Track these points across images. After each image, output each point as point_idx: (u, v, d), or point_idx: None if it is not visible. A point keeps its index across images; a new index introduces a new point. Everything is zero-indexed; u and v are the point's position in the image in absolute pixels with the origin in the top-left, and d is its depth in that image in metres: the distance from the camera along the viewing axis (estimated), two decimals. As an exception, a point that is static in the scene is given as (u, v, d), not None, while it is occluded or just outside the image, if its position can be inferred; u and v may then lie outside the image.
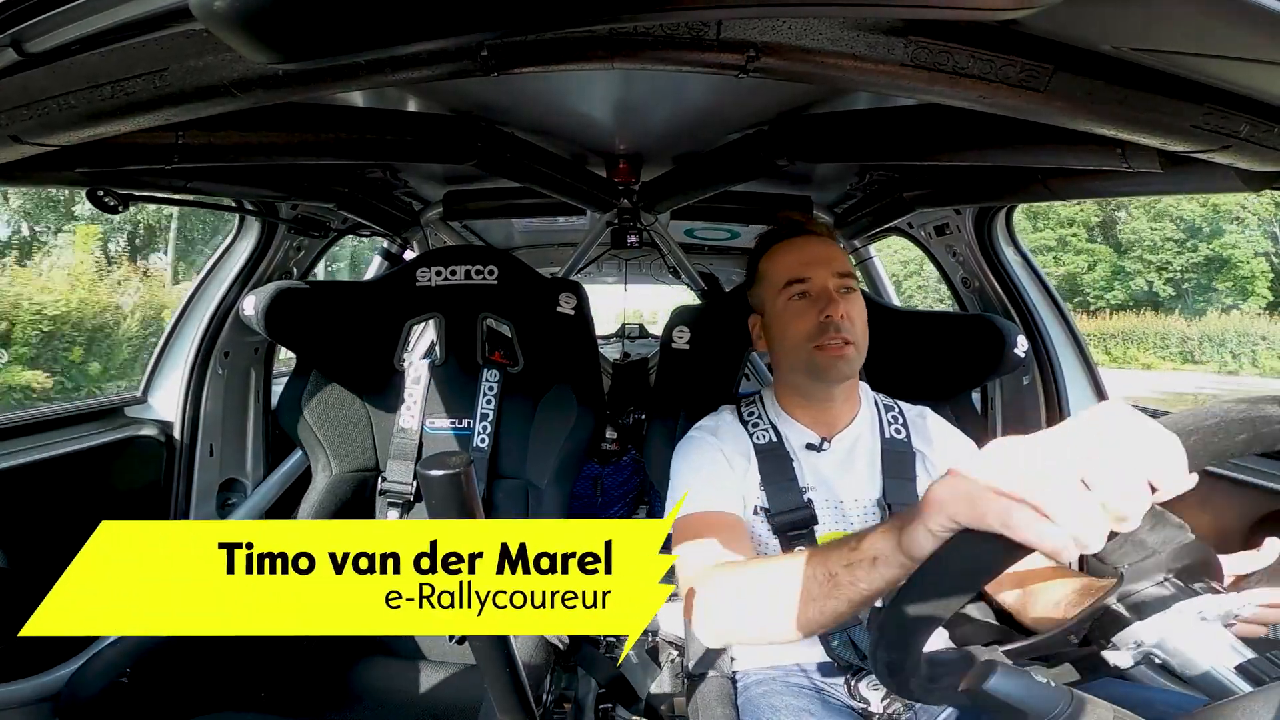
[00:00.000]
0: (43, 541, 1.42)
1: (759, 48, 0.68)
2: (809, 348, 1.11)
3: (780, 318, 1.15)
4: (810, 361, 1.12)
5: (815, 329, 1.10)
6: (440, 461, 0.51)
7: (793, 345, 1.13)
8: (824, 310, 1.09)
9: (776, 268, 1.17)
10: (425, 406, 1.58)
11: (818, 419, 1.20)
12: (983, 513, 0.49)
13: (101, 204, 1.25)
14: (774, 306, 1.17)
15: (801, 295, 1.13)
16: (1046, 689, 0.52)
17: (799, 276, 1.13)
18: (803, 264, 1.14)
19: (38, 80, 0.71)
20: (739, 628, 0.86)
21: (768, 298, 1.19)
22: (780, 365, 1.21)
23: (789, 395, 1.23)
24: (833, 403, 1.20)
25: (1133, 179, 1.15)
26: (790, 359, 1.16)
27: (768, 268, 1.20)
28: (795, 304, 1.13)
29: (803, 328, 1.11)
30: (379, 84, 0.76)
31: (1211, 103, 0.70)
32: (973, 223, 1.83)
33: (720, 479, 1.12)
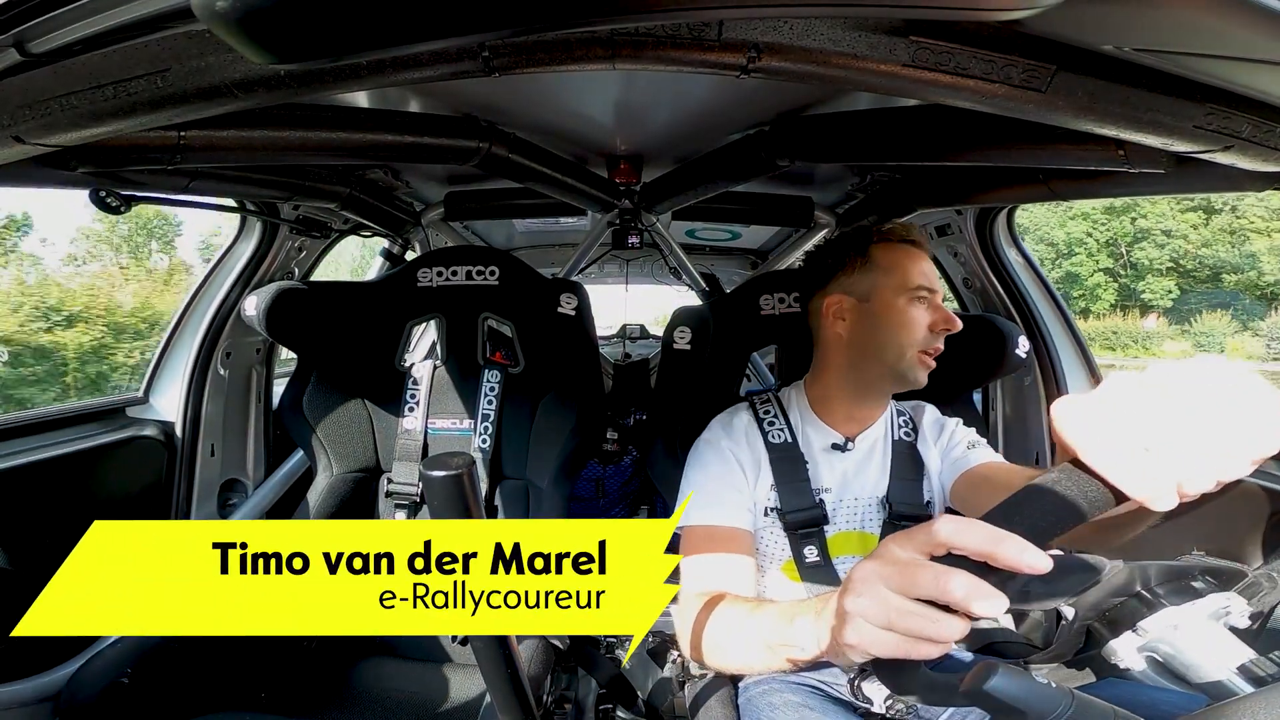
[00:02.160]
0: (44, 541, 1.42)
1: (760, 48, 0.68)
2: (915, 352, 1.13)
3: (900, 314, 1.14)
4: (910, 364, 1.13)
5: (928, 337, 1.13)
6: (442, 462, 0.51)
7: (902, 343, 1.13)
8: (944, 324, 1.13)
9: (909, 266, 1.16)
10: (428, 407, 1.58)
11: (850, 418, 1.21)
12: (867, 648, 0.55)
13: (104, 204, 1.25)
14: (890, 300, 1.15)
15: (924, 301, 1.15)
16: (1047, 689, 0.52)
17: (930, 286, 1.16)
18: (931, 276, 1.17)
19: (40, 81, 0.71)
20: (710, 659, 0.95)
21: (884, 288, 1.16)
22: (861, 353, 1.17)
23: (836, 389, 1.21)
24: (880, 404, 1.22)
25: (1135, 179, 1.15)
26: (887, 354, 1.14)
27: (894, 261, 1.17)
28: (920, 308, 1.14)
29: (919, 333, 1.13)
30: (380, 84, 0.76)
31: (1213, 103, 0.70)
32: (974, 223, 1.82)
33: (730, 489, 1.13)
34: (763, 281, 1.50)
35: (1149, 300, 26.16)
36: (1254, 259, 24.70)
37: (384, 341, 1.61)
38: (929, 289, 1.15)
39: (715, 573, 1.06)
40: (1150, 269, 26.15)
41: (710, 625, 0.93)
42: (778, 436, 1.19)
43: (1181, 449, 0.45)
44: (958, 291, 2.04)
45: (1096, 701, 0.52)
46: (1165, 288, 25.91)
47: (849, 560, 1.17)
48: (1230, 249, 25.04)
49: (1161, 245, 26.00)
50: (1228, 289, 25.31)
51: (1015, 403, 1.93)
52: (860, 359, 1.17)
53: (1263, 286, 24.59)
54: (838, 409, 1.21)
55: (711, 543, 1.08)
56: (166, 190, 1.33)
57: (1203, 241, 25.40)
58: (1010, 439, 1.95)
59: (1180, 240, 25.67)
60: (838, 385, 1.21)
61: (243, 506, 1.87)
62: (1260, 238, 24.55)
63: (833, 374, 1.22)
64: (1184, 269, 26.09)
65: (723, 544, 1.08)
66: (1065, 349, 1.82)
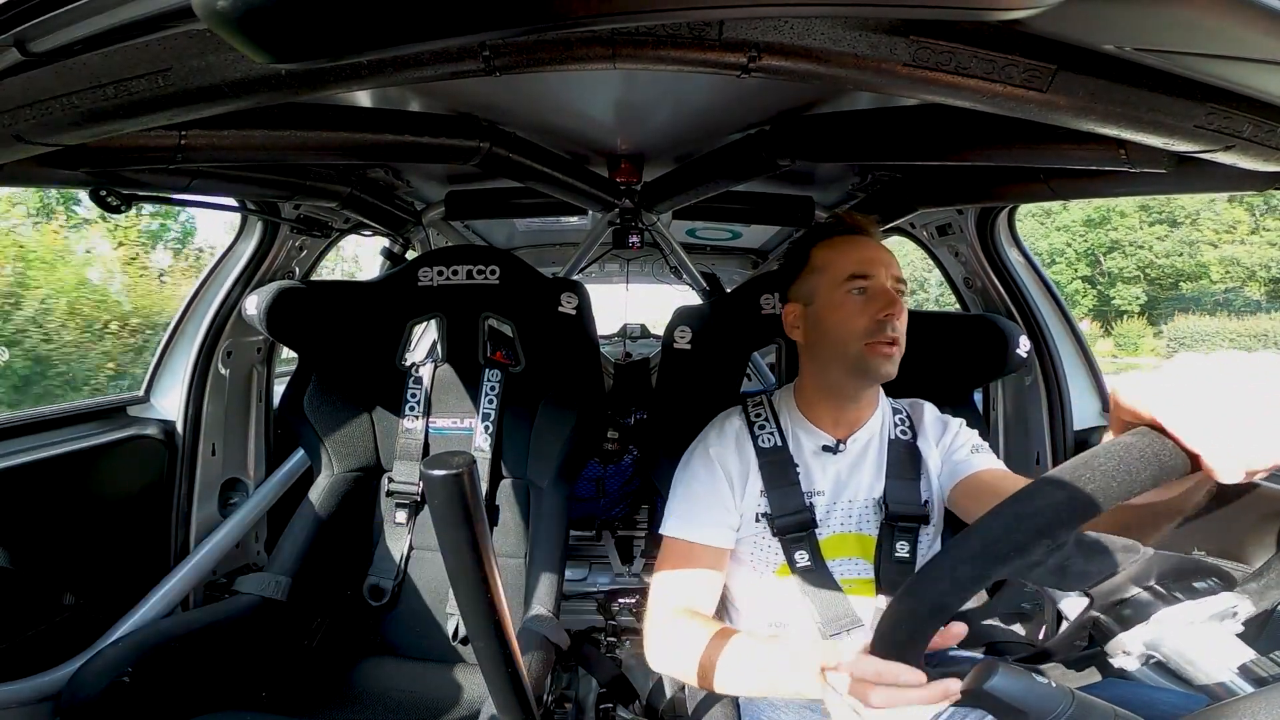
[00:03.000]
0: (45, 541, 1.42)
1: (760, 48, 0.68)
2: (861, 344, 1.09)
3: (837, 310, 1.12)
4: (859, 358, 1.10)
5: (871, 326, 1.09)
6: (442, 461, 0.51)
7: (845, 339, 1.11)
8: (883, 309, 1.08)
9: (839, 260, 1.14)
10: (429, 407, 1.58)
11: (839, 419, 1.20)
12: None
13: (105, 204, 1.25)
14: (829, 298, 1.14)
15: (861, 291, 1.11)
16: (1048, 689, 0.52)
17: (863, 273, 1.12)
18: (866, 261, 1.13)
19: (41, 80, 0.71)
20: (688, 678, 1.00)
21: (821, 288, 1.15)
22: (818, 359, 1.18)
23: (814, 394, 1.21)
24: (859, 403, 1.19)
25: (1136, 179, 1.14)
26: (836, 353, 1.13)
27: (826, 258, 1.16)
28: (855, 299, 1.11)
29: (859, 324, 1.09)
30: (381, 84, 0.76)
31: (1214, 103, 0.70)
32: (975, 223, 1.82)
33: (714, 506, 1.14)
34: (763, 281, 1.50)
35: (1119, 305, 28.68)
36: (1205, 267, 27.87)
37: (385, 341, 1.61)
38: (863, 275, 1.12)
39: (686, 591, 1.10)
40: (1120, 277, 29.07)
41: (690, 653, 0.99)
42: (767, 441, 1.18)
43: (1256, 426, 0.47)
44: (959, 291, 2.04)
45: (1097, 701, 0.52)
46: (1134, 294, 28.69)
47: (846, 562, 1.16)
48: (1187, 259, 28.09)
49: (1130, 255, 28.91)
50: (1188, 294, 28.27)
51: (1016, 403, 1.93)
52: (819, 363, 1.18)
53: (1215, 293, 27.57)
54: (823, 412, 1.20)
55: (688, 560, 1.12)
56: (167, 190, 1.33)
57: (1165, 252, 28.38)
58: (1011, 439, 1.95)
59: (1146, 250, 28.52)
60: (814, 390, 1.21)
61: (243, 506, 1.88)
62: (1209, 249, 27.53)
63: (807, 379, 1.22)
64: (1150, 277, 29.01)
65: (698, 562, 1.12)
66: (1066, 349, 1.82)
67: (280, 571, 1.41)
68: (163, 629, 1.28)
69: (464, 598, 0.57)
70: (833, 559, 1.15)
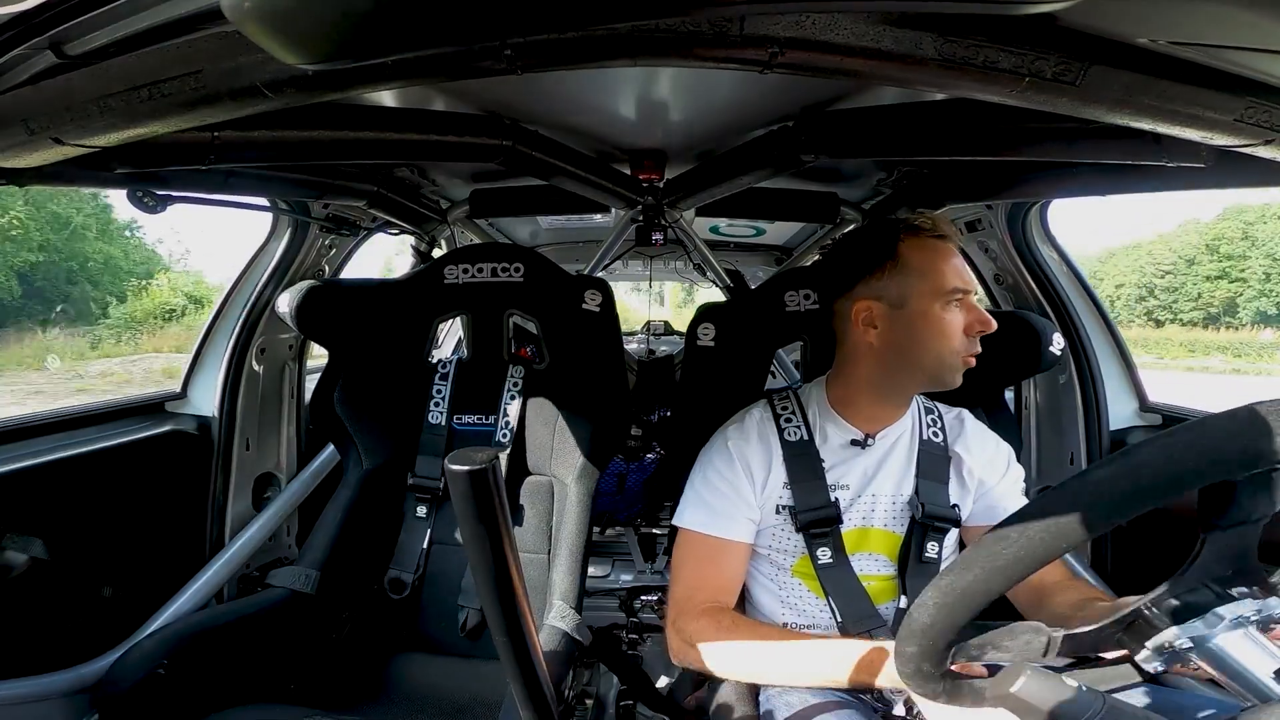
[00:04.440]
0: (85, 534, 1.47)
1: (782, 43, 0.68)
2: (958, 357, 1.08)
3: (938, 320, 1.08)
4: (951, 369, 1.09)
5: (967, 341, 1.09)
6: (466, 457, 0.52)
7: (941, 351, 1.08)
8: (980, 326, 1.08)
9: (942, 269, 1.09)
10: (453, 402, 1.60)
11: (874, 416, 1.18)
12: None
13: (141, 204, 1.28)
14: (927, 307, 1.09)
15: (959, 303, 1.09)
16: (1078, 693, 0.51)
17: (966, 287, 1.09)
18: (961, 275, 1.10)
19: (77, 83, 0.74)
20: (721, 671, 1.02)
21: (919, 293, 1.09)
22: (896, 361, 1.12)
23: (859, 390, 1.18)
24: (902, 404, 1.18)
25: (1173, 174, 1.11)
26: (925, 361, 1.10)
27: (925, 263, 1.10)
28: (956, 312, 1.09)
29: (958, 339, 1.08)
30: (406, 84, 0.77)
31: (1254, 96, 0.68)
32: (1006, 218, 1.79)
33: (734, 499, 1.14)
34: (787, 278, 1.49)
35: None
36: None
37: (412, 338, 1.63)
38: (964, 290, 1.09)
39: (709, 586, 1.10)
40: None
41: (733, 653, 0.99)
42: (793, 434, 1.18)
43: None
44: (989, 288, 2.00)
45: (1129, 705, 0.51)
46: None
47: (866, 557, 1.15)
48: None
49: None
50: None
51: (1050, 401, 1.89)
52: (895, 366, 1.13)
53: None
54: (861, 408, 1.18)
55: (709, 555, 1.13)
56: (202, 190, 1.36)
57: None
58: (1044, 438, 1.91)
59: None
60: (864, 388, 1.17)
61: (276, 500, 1.92)
62: None
63: (860, 377, 1.17)
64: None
65: (719, 557, 1.12)
66: (1101, 346, 1.77)
67: (310, 565, 1.44)
68: (197, 621, 1.31)
69: (486, 593, 0.57)
70: (855, 553, 1.14)
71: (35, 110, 0.78)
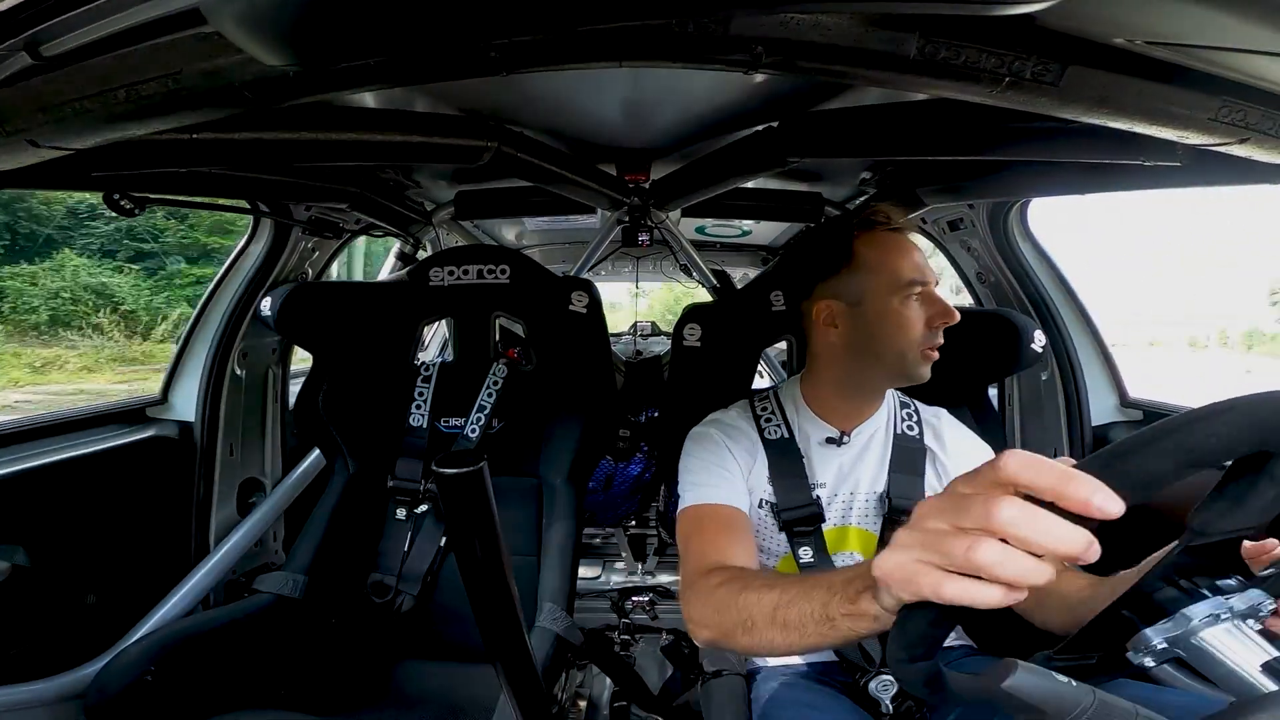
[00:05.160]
0: (67, 541, 1.44)
1: (767, 44, 0.68)
2: (919, 350, 1.08)
3: (896, 315, 1.08)
4: (914, 362, 1.09)
5: (928, 333, 1.08)
6: (455, 460, 0.51)
7: (902, 346, 1.08)
8: (942, 317, 1.08)
9: (897, 263, 1.10)
10: (436, 405, 1.59)
11: (848, 414, 1.18)
12: (917, 586, 0.49)
13: (118, 207, 1.26)
14: (884, 303, 1.09)
15: (917, 297, 1.09)
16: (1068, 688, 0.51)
17: (923, 279, 1.09)
18: (921, 266, 1.10)
19: (53, 84, 0.72)
20: (731, 639, 0.86)
21: (875, 290, 1.09)
22: (859, 359, 1.13)
23: (832, 388, 1.19)
24: (874, 400, 1.18)
25: (1150, 173, 1.13)
26: (888, 357, 1.10)
27: (879, 259, 1.10)
28: (914, 306, 1.09)
29: (919, 331, 1.08)
30: (389, 85, 0.76)
31: (1228, 95, 0.69)
32: (987, 217, 1.80)
33: (724, 473, 1.11)
34: (773, 277, 1.49)
35: None
36: None
37: (397, 341, 1.62)
38: (921, 281, 1.09)
39: (719, 548, 1.00)
40: None
41: (746, 604, 0.84)
42: (774, 433, 1.18)
43: None
44: (971, 286, 2.02)
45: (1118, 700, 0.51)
46: None
47: (846, 557, 1.15)
48: None
49: None
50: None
51: (1032, 398, 1.91)
52: (859, 363, 1.14)
53: None
54: (835, 405, 1.19)
55: (712, 520, 1.06)
56: (179, 192, 1.34)
57: None
58: (1026, 435, 1.93)
59: None
60: (834, 386, 1.18)
61: (261, 506, 1.89)
62: None
63: (828, 376, 1.19)
64: None
65: (722, 521, 1.05)
66: (1083, 343, 1.80)
67: (296, 570, 1.43)
68: (183, 628, 1.30)
69: (477, 596, 0.57)
70: (834, 553, 1.14)
71: (9, 112, 0.77)
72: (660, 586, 2.25)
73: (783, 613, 0.77)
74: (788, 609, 0.76)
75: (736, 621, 0.83)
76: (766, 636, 0.79)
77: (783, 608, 0.77)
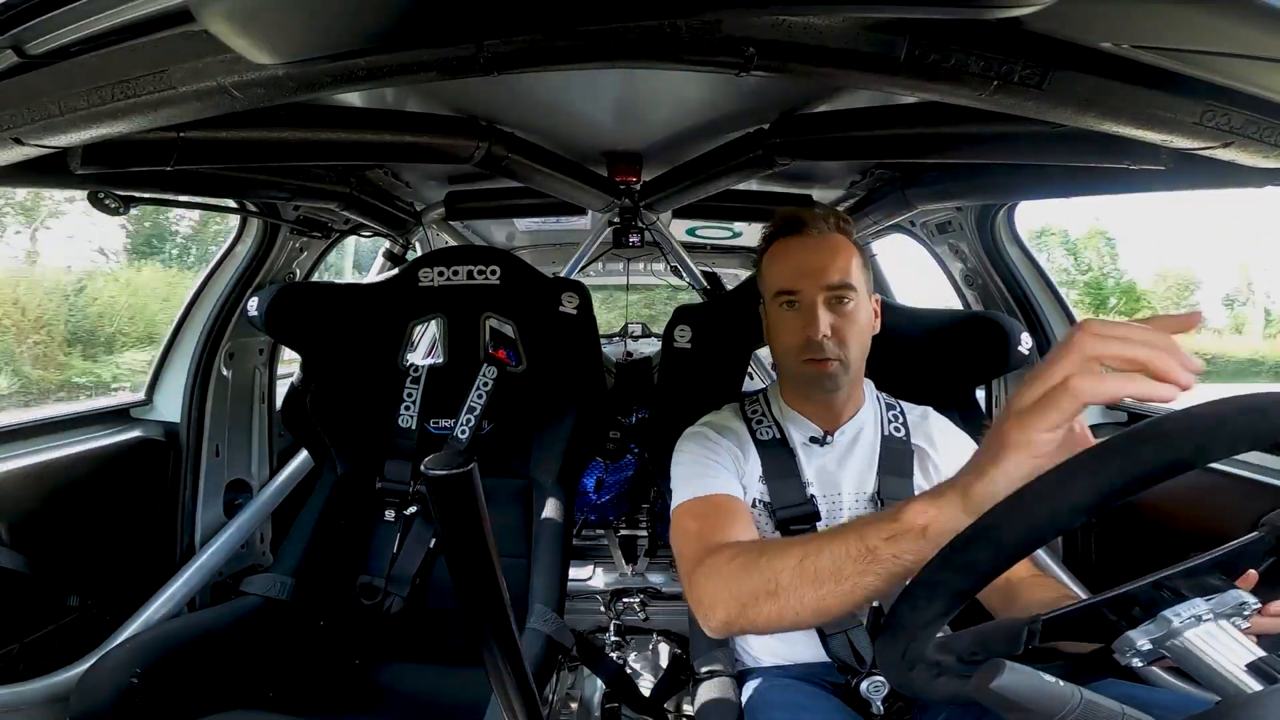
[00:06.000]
0: (51, 543, 1.43)
1: (758, 46, 0.68)
2: (798, 360, 1.10)
3: (773, 325, 1.15)
4: (800, 372, 1.12)
5: (803, 343, 1.08)
6: (445, 461, 0.51)
7: (782, 354, 1.15)
8: (807, 327, 1.07)
9: (773, 270, 1.15)
10: (425, 406, 1.58)
11: (822, 415, 1.20)
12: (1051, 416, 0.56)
13: (102, 206, 1.25)
14: (768, 311, 1.17)
15: (790, 305, 1.11)
16: (1055, 687, 0.52)
17: (788, 289, 1.11)
18: (795, 274, 1.10)
19: (39, 82, 0.71)
20: (751, 610, 0.79)
21: (765, 299, 1.18)
22: (778, 365, 1.21)
23: (791, 391, 1.22)
24: (834, 402, 1.19)
25: (1135, 176, 1.14)
26: (782, 364, 1.18)
27: (766, 269, 1.18)
28: (785, 314, 1.11)
29: (791, 340, 1.10)
30: (379, 85, 0.76)
31: (1212, 99, 0.70)
32: (975, 220, 1.82)
33: (720, 467, 1.10)
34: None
35: None
36: None
37: (386, 341, 1.61)
38: (789, 290, 1.10)
39: (725, 531, 0.96)
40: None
41: (770, 557, 0.79)
42: (765, 434, 1.18)
43: None
44: (960, 288, 2.03)
45: (1105, 700, 0.52)
46: None
47: None
48: None
49: None
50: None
51: (1018, 399, 1.92)
52: (779, 368, 1.21)
53: None
54: (804, 406, 1.21)
55: (714, 509, 1.02)
56: (165, 191, 1.33)
57: None
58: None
59: None
60: (789, 390, 1.24)
61: (248, 507, 1.88)
62: None
63: (781, 379, 1.26)
64: None
65: (724, 509, 1.02)
66: (1068, 346, 1.81)
67: (284, 572, 1.42)
68: (170, 630, 1.29)
69: (466, 598, 0.57)
70: None
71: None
72: (651, 588, 2.25)
73: (812, 563, 0.73)
74: (817, 558, 0.72)
75: (758, 587, 0.78)
76: (796, 595, 0.74)
77: (811, 557, 0.73)
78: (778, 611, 0.76)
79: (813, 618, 0.75)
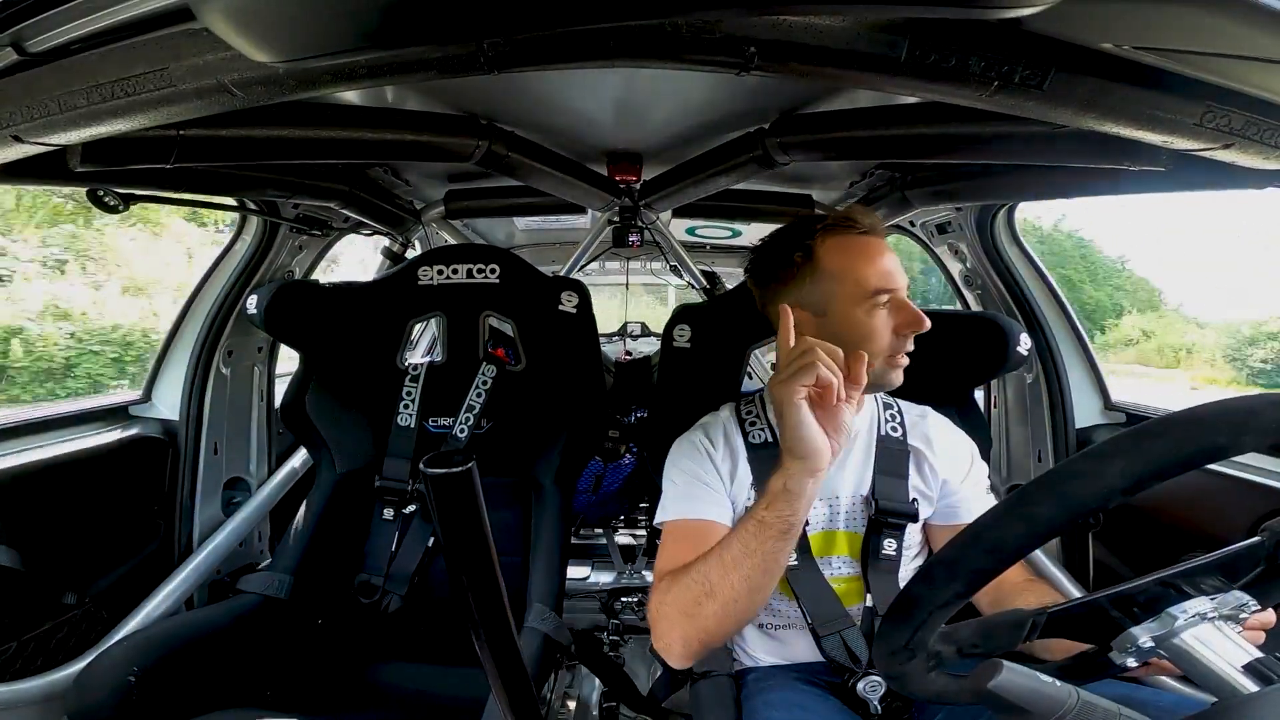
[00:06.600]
0: (49, 541, 1.43)
1: (759, 46, 0.68)
2: (886, 359, 1.05)
3: (861, 325, 1.04)
4: (879, 373, 1.05)
5: (896, 343, 1.05)
6: (444, 460, 0.51)
7: (874, 354, 1.03)
8: (910, 325, 1.04)
9: (862, 270, 1.05)
10: (424, 405, 1.58)
11: None
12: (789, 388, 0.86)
13: (102, 204, 1.25)
14: (849, 312, 1.05)
15: (885, 305, 1.05)
16: (1053, 688, 0.52)
17: (889, 286, 1.04)
18: (889, 272, 1.05)
19: (38, 80, 0.71)
20: (697, 617, 0.90)
21: (839, 299, 1.06)
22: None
23: None
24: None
25: (1136, 177, 1.14)
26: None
27: (844, 266, 1.06)
28: (881, 315, 1.05)
29: (885, 341, 1.05)
30: (379, 83, 0.76)
31: (1213, 101, 0.70)
32: (975, 220, 1.82)
33: (705, 488, 1.11)
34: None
35: None
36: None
37: (385, 340, 1.61)
38: (889, 289, 1.04)
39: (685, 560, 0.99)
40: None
41: (694, 567, 0.92)
42: (758, 437, 1.17)
43: None
44: (959, 289, 2.04)
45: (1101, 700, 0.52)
46: None
47: (835, 561, 1.15)
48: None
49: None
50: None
51: (1017, 400, 1.93)
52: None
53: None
54: None
55: (687, 536, 1.05)
56: (165, 188, 1.33)
57: None
58: (1012, 437, 1.95)
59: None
60: None
61: (246, 505, 1.88)
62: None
63: None
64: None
65: (698, 536, 1.03)
66: (1067, 346, 1.81)
67: (282, 570, 1.42)
68: (167, 628, 1.28)
69: (465, 596, 0.57)
70: (820, 557, 1.14)
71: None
72: (649, 587, 2.25)
73: (728, 553, 0.89)
74: (730, 548, 0.89)
75: (697, 595, 0.90)
76: (726, 584, 0.88)
77: (726, 550, 0.89)
78: (720, 607, 0.89)
79: (748, 600, 0.89)
